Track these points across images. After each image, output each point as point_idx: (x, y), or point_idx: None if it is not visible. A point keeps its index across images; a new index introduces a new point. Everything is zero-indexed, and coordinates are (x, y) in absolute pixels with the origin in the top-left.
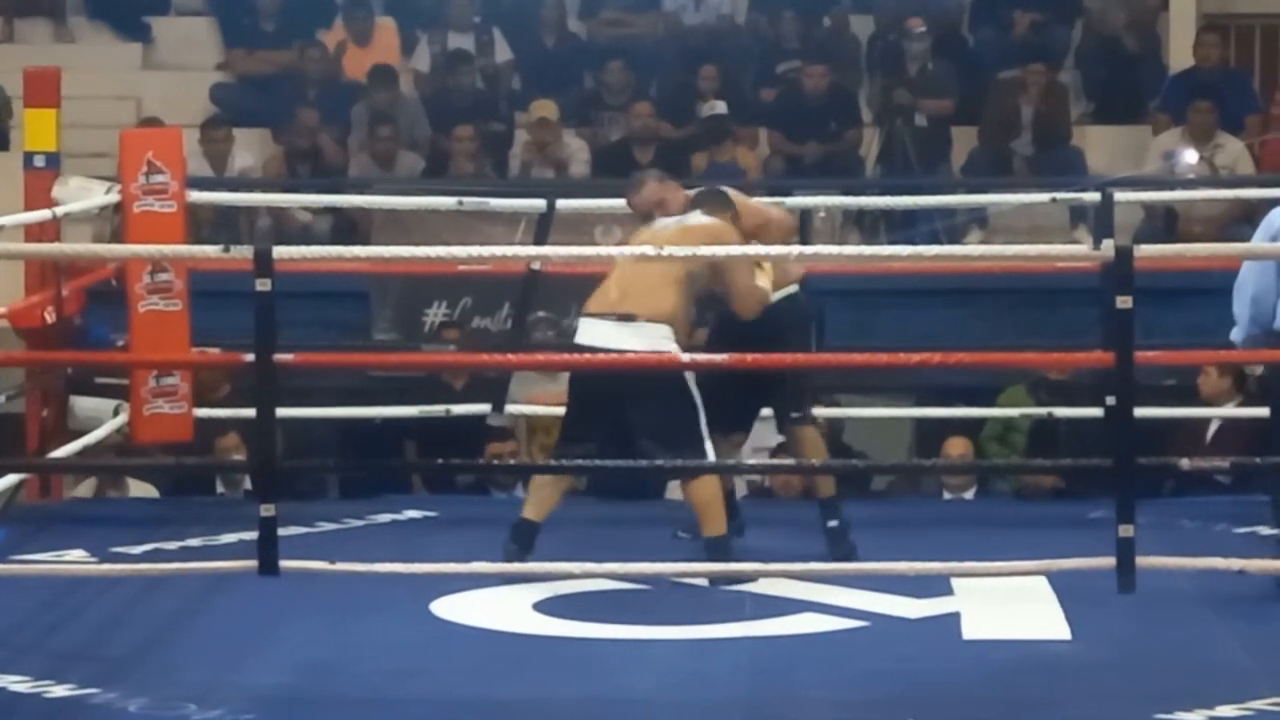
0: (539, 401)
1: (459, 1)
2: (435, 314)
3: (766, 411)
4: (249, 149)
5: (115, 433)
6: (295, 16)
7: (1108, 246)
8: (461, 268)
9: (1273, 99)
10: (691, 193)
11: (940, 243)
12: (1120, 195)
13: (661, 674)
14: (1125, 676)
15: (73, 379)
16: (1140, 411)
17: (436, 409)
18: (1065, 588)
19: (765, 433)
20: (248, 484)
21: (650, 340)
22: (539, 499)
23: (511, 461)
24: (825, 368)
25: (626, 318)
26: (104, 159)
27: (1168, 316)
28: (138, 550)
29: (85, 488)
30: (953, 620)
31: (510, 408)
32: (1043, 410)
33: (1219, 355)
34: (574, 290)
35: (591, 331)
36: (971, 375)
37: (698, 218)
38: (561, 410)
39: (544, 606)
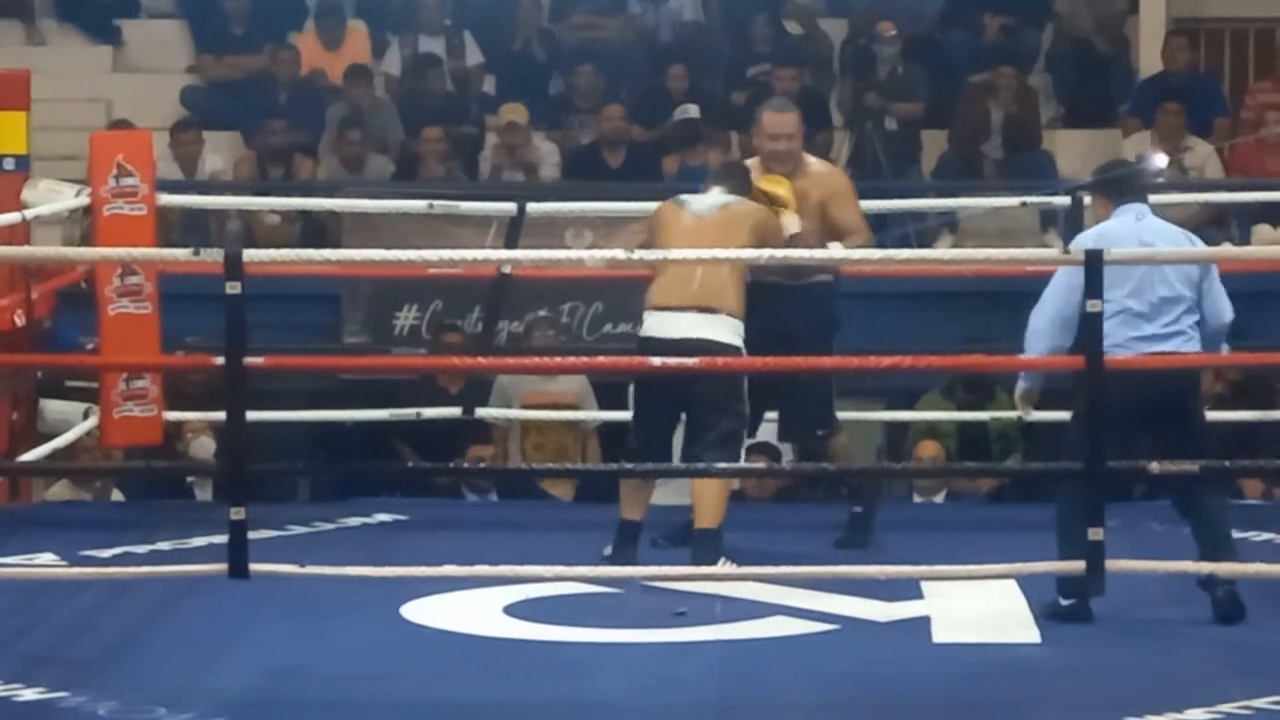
0: (536, 400)
1: (429, 5)
2: (406, 317)
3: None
4: (219, 152)
5: (85, 436)
6: (266, 20)
7: (1078, 249)
8: (432, 271)
9: (1241, 103)
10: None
11: (911, 246)
12: (1090, 199)
13: (631, 677)
14: (1095, 680)
15: (42, 382)
16: None
17: (407, 412)
18: (1035, 591)
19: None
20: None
21: (730, 333)
22: (630, 499)
23: (483, 465)
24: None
25: (708, 310)
26: (74, 162)
27: None
28: (107, 554)
29: (56, 490)
30: (923, 623)
31: (497, 411)
32: (1013, 414)
33: (1189, 359)
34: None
35: (671, 324)
36: (942, 379)
37: (736, 201)
38: (554, 412)
39: (514, 610)
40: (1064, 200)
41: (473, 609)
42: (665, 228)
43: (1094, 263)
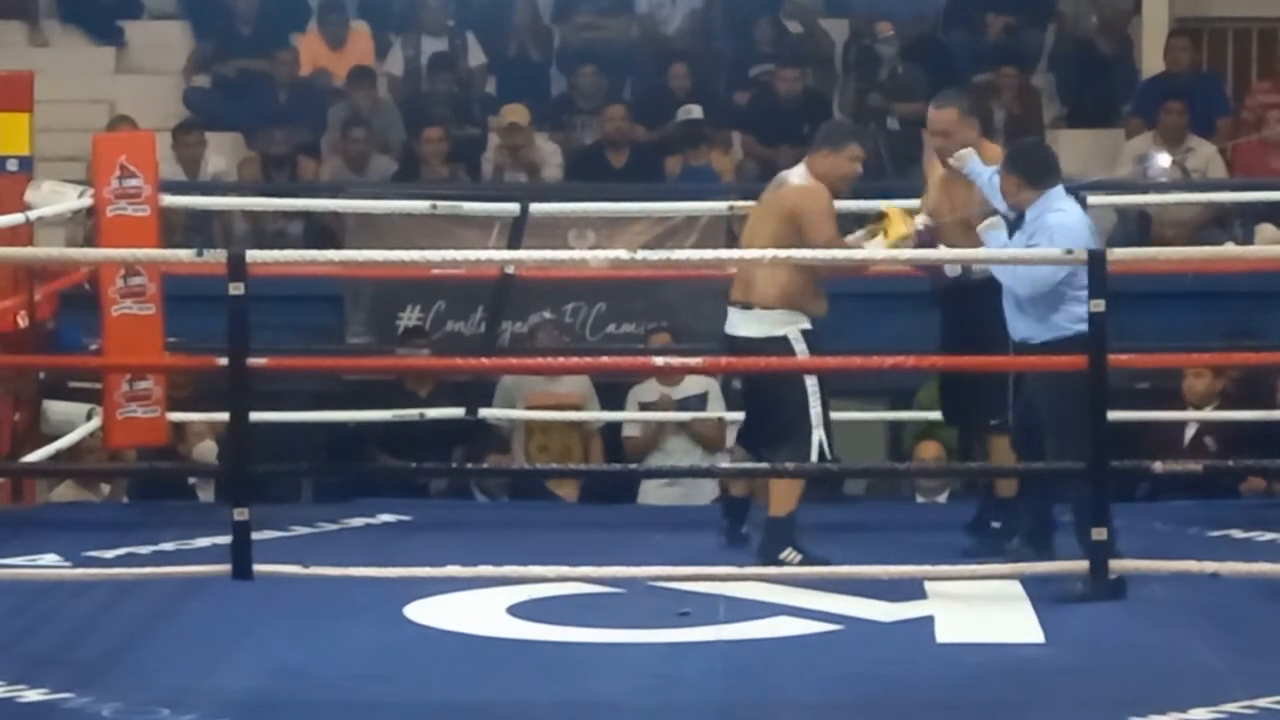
0: (540, 401)
1: (432, 5)
2: (409, 317)
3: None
4: (221, 153)
5: (89, 437)
6: (269, 20)
7: (1081, 250)
8: (435, 271)
9: (1244, 102)
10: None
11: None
12: (1093, 199)
13: (635, 677)
14: (1098, 680)
15: (45, 383)
16: (1113, 415)
17: (410, 413)
18: (1038, 591)
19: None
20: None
21: (764, 326)
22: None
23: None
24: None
25: (745, 306)
26: (77, 163)
27: (1141, 320)
28: (111, 555)
29: (60, 491)
30: (926, 624)
31: (500, 412)
32: None
33: (1192, 358)
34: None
35: (728, 320)
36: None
37: (798, 178)
38: (558, 413)
39: (518, 610)
40: None
41: (476, 609)
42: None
43: (1098, 262)
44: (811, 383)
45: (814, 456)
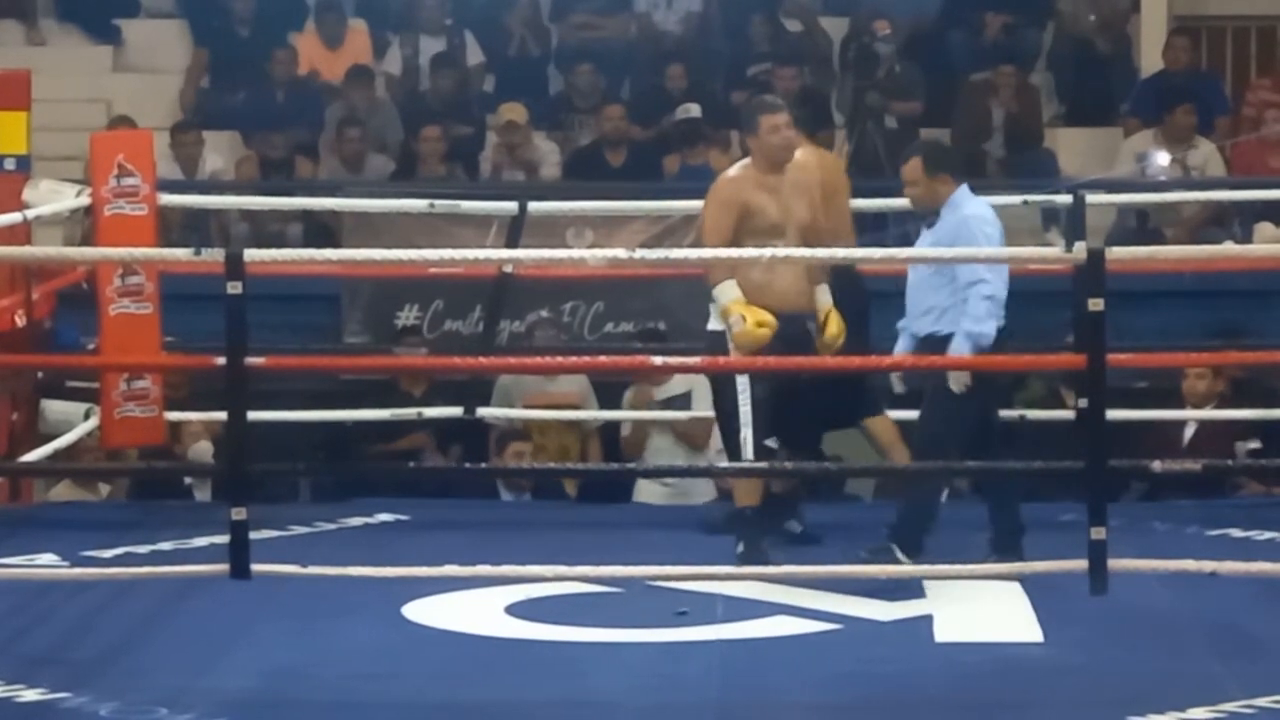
0: (537, 402)
1: (430, 4)
2: (407, 317)
3: None
4: (219, 152)
5: (86, 436)
6: (266, 19)
7: (1080, 249)
8: (433, 271)
9: (1243, 101)
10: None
11: (912, 245)
12: (1092, 197)
13: (633, 677)
14: (1097, 679)
15: (43, 382)
16: (1112, 414)
17: (408, 412)
18: (1037, 590)
19: None
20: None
21: (714, 320)
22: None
23: (484, 465)
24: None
25: None
26: (74, 162)
27: (1140, 319)
28: (109, 554)
29: (58, 491)
30: (925, 623)
31: (498, 411)
32: (1015, 413)
33: (1191, 358)
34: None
35: None
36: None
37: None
38: (555, 412)
39: (516, 609)
40: (1066, 199)
41: (474, 609)
42: None
43: (1096, 261)
44: (742, 380)
45: (743, 455)
